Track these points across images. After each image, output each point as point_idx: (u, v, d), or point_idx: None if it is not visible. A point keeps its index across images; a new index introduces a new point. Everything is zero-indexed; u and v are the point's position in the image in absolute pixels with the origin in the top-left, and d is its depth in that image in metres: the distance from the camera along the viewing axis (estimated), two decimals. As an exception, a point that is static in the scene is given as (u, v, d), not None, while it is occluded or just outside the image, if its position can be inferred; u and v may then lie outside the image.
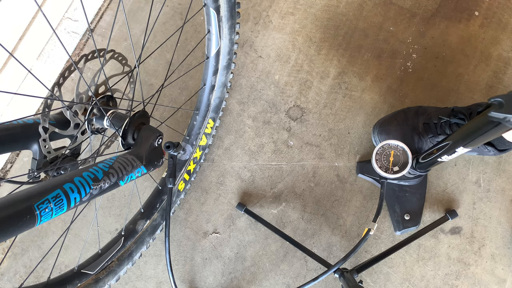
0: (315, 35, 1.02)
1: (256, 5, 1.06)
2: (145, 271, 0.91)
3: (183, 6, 1.08)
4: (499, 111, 0.45)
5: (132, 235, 0.81)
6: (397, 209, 0.87)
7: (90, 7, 1.09)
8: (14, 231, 0.39)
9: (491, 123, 0.51)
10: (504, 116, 0.45)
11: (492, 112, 0.46)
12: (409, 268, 0.87)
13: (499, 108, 0.45)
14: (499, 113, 0.45)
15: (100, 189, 0.51)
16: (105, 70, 1.01)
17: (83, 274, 0.71)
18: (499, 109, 0.45)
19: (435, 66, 0.98)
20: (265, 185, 0.94)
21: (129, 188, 0.96)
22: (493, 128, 0.51)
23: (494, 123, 0.50)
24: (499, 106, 0.45)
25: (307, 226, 0.91)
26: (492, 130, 0.52)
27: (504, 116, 0.45)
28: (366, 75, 0.99)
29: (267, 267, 0.90)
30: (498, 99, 0.45)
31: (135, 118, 0.62)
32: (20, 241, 0.94)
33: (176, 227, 0.93)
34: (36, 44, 1.03)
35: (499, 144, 0.80)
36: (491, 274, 0.85)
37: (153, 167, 0.63)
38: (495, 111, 0.46)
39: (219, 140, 0.97)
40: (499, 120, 0.46)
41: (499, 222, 0.88)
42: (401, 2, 1.03)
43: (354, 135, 0.95)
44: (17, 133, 0.55)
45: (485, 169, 0.91)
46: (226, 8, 0.72)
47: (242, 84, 1.01)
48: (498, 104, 0.46)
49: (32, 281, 0.91)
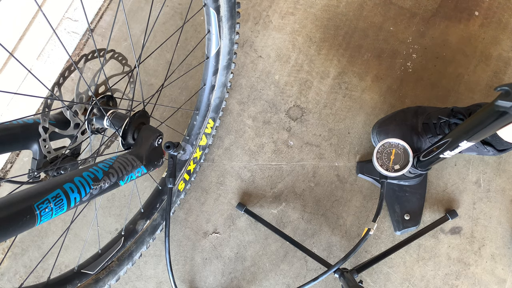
0: (315, 35, 1.02)
1: (256, 5, 1.06)
2: (145, 271, 0.91)
3: (183, 6, 1.08)
4: (505, 99, 0.44)
5: (132, 235, 0.81)
6: (397, 209, 0.87)
7: (90, 7, 1.09)
8: (14, 231, 0.39)
9: (496, 113, 0.50)
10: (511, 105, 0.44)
11: (499, 101, 0.45)
12: (409, 268, 0.87)
13: (505, 97, 0.45)
14: (506, 101, 0.45)
15: (100, 189, 0.51)
16: (105, 70, 1.01)
17: (83, 274, 0.71)
18: (505, 98, 0.45)
19: (435, 66, 0.98)
20: (265, 185, 0.94)
21: (129, 188, 0.96)
22: (498, 118, 0.50)
23: (499, 113, 0.49)
24: (506, 95, 0.45)
25: (307, 226, 0.91)
26: (498, 121, 0.51)
27: (510, 105, 0.44)
28: (366, 75, 0.99)
29: (267, 267, 0.90)
30: (505, 88, 0.45)
31: (135, 118, 0.62)
32: (20, 241, 0.94)
33: (176, 227, 0.93)
34: (36, 44, 1.03)
35: (498, 144, 0.80)
36: (491, 274, 0.85)
37: (153, 167, 0.63)
38: (501, 99, 0.45)
39: (219, 140, 0.97)
40: (505, 109, 0.46)
41: (499, 222, 0.88)
42: (401, 2, 1.03)
43: (354, 135, 0.95)
44: (17, 133, 0.55)
45: (485, 169, 0.91)
46: (226, 8, 0.72)
47: (242, 84, 1.01)
48: (504, 93, 0.45)
49: (32, 281, 0.91)
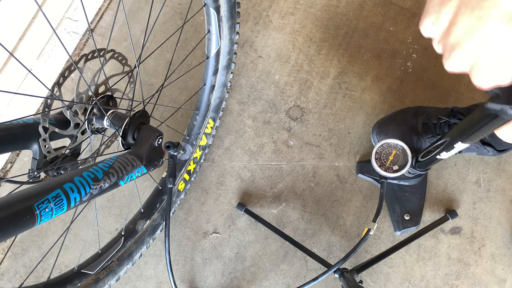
0: (315, 35, 1.02)
1: (256, 5, 1.06)
2: (145, 271, 0.91)
3: (183, 6, 1.08)
4: (496, 101, 0.43)
5: (132, 235, 0.81)
6: (397, 209, 0.87)
7: (90, 7, 1.09)
8: (14, 231, 0.39)
9: (489, 116, 0.49)
10: (501, 107, 0.43)
11: (489, 103, 0.45)
12: (409, 268, 0.87)
13: (496, 99, 0.43)
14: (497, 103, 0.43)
15: (100, 189, 0.51)
16: (105, 70, 1.01)
17: (83, 274, 0.71)
18: (496, 100, 0.43)
19: (435, 66, 0.98)
20: (265, 185, 0.94)
21: (129, 188, 0.96)
22: (491, 121, 0.50)
23: (491, 115, 0.49)
24: (496, 97, 0.44)
25: (307, 226, 0.91)
26: (490, 123, 0.50)
27: (501, 107, 0.43)
28: (366, 75, 0.99)
29: (267, 267, 0.90)
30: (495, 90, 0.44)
31: (135, 118, 0.62)
32: (20, 241, 0.94)
33: (176, 227, 0.93)
34: (36, 44, 1.03)
35: (497, 144, 0.80)
36: (491, 274, 0.85)
37: (153, 167, 0.63)
38: (492, 102, 0.44)
39: (219, 140, 0.97)
40: (496, 111, 0.45)
41: (499, 222, 0.88)
42: (401, 2, 1.03)
43: (354, 135, 0.95)
44: (17, 133, 0.55)
45: (485, 169, 0.91)
46: (226, 8, 0.72)
47: (242, 84, 1.01)
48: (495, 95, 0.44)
49: (32, 281, 0.91)
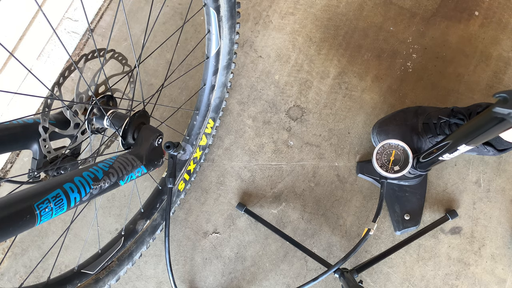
0: (315, 35, 1.02)
1: (256, 5, 1.06)
2: (145, 271, 0.91)
3: (183, 6, 1.08)
4: (503, 106, 0.44)
5: (132, 235, 0.81)
6: (397, 209, 0.87)
7: (90, 7, 1.09)
8: (14, 231, 0.39)
9: (495, 120, 0.50)
10: (509, 112, 0.44)
11: (497, 108, 0.45)
12: (409, 268, 0.87)
13: (503, 104, 0.44)
14: (504, 108, 0.44)
15: (100, 188, 0.51)
16: (105, 70, 1.01)
17: (83, 274, 0.71)
18: (503, 105, 0.44)
19: (435, 66, 0.98)
20: (265, 185, 0.94)
21: (129, 188, 0.96)
22: (497, 125, 0.50)
23: (498, 119, 0.49)
24: (504, 102, 0.45)
25: (307, 226, 0.91)
26: (496, 127, 0.51)
27: (508, 112, 0.44)
28: (366, 75, 0.99)
29: (267, 267, 0.89)
30: (503, 95, 0.45)
31: (135, 118, 0.62)
32: (20, 241, 0.94)
33: (176, 227, 0.93)
34: (36, 44, 1.03)
35: (498, 144, 0.80)
36: (491, 274, 0.85)
37: (153, 167, 0.63)
38: (499, 106, 0.45)
39: (219, 140, 0.97)
40: (503, 115, 0.46)
41: (499, 222, 0.88)
42: (401, 2, 1.03)
43: (354, 135, 0.95)
44: (17, 133, 0.55)
45: (485, 169, 0.91)
46: (226, 8, 0.72)
47: (242, 84, 1.01)
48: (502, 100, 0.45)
49: (32, 281, 0.91)
